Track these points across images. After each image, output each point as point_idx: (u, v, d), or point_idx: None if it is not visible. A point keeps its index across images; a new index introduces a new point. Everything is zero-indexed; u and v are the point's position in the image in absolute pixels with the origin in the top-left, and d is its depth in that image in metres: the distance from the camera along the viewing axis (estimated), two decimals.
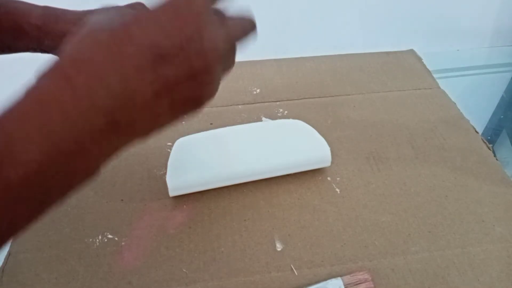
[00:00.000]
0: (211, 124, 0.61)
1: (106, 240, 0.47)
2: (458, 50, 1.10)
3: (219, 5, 0.28)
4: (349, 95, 0.67)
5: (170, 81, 0.24)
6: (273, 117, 0.62)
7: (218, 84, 0.28)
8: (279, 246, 0.46)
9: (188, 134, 0.55)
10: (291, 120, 0.58)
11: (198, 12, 0.24)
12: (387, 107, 0.65)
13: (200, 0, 0.25)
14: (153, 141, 0.39)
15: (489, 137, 1.04)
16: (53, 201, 0.23)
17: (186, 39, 0.24)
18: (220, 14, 0.27)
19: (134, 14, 0.24)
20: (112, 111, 0.23)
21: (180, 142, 0.54)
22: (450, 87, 0.69)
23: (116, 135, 0.24)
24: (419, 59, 0.75)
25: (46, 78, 0.22)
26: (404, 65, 0.73)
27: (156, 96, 0.24)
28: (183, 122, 0.60)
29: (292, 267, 0.45)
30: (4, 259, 0.45)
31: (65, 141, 0.22)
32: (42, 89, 0.22)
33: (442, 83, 0.70)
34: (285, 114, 0.63)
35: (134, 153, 0.56)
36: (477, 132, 0.61)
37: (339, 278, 0.42)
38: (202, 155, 0.52)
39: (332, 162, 0.53)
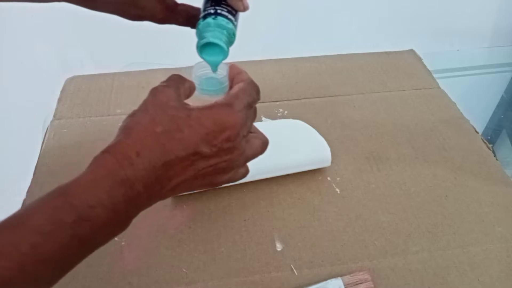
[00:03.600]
0: None
1: None
2: (458, 50, 1.10)
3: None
4: (349, 95, 0.67)
5: (200, 171, 0.31)
6: (273, 117, 0.62)
7: (235, 175, 0.35)
8: (279, 246, 0.46)
9: None
10: (291, 120, 0.58)
11: (235, 121, 0.32)
12: (387, 107, 0.65)
13: (239, 115, 0.32)
14: None
15: (489, 137, 1.04)
16: (94, 250, 0.29)
17: (222, 141, 0.31)
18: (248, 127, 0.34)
19: (188, 115, 0.31)
20: (152, 186, 0.29)
21: None
22: (450, 87, 0.69)
23: (148, 204, 0.31)
24: (419, 59, 0.75)
25: (111, 156, 0.28)
26: (404, 65, 0.73)
27: (182, 181, 0.31)
28: None
29: (292, 267, 0.45)
30: None
31: (121, 204, 0.28)
32: (108, 164, 0.28)
33: (442, 83, 0.70)
34: (285, 114, 0.63)
35: None
36: (477, 132, 0.61)
37: (339, 278, 0.42)
38: None
39: (332, 162, 0.53)
